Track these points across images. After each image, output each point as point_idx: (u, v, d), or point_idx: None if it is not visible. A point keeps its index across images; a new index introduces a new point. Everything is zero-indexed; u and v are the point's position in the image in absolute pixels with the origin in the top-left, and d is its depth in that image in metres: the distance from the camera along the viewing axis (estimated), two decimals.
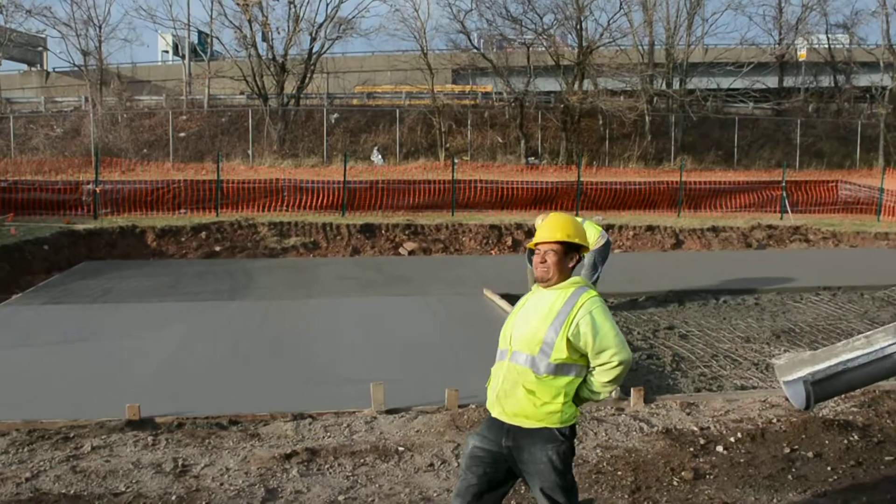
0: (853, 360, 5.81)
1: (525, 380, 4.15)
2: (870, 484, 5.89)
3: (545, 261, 4.26)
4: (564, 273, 4.28)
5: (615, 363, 4.06)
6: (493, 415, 4.28)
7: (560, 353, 4.08)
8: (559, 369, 4.11)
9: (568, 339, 4.07)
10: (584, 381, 4.18)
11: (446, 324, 11.22)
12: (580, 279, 4.31)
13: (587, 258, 12.32)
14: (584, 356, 4.12)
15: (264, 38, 40.15)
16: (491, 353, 9.81)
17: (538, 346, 4.13)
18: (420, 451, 6.37)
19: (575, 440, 4.30)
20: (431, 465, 6.15)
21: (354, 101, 46.03)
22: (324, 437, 6.68)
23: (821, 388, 5.87)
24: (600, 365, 4.10)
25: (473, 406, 7.17)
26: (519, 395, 4.15)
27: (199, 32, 49.05)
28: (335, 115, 42.56)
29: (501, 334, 4.42)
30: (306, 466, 6.09)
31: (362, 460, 6.21)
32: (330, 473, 6.00)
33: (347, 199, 22.20)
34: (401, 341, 10.18)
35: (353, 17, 42.71)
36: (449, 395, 7.29)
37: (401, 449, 6.40)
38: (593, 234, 12.32)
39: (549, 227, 4.31)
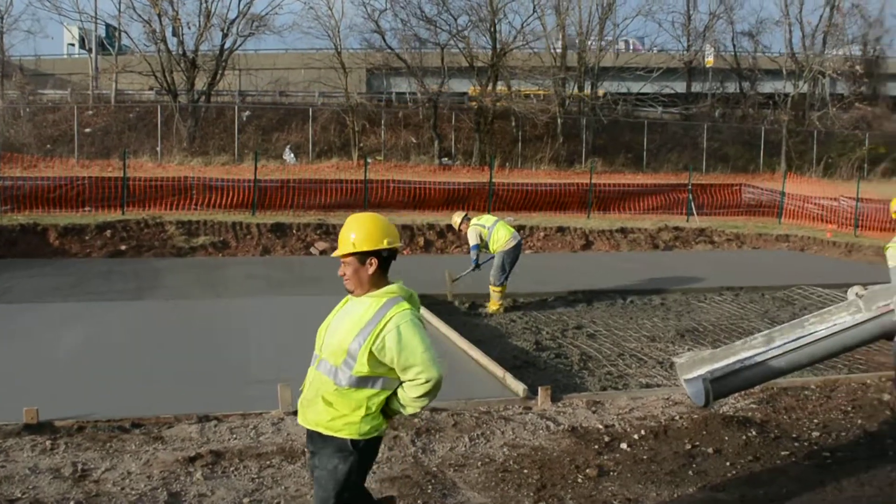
0: (751, 359, 5.99)
1: (326, 390, 4.06)
2: (766, 478, 6.07)
3: (344, 273, 4.14)
4: (367, 282, 4.09)
5: (422, 380, 3.92)
6: (298, 421, 4.25)
7: (362, 366, 3.96)
8: (361, 382, 4.00)
9: (371, 353, 3.94)
10: (395, 393, 4.06)
11: None
12: (396, 289, 4.09)
13: (496, 258, 12.44)
14: (393, 369, 3.99)
15: (174, 33, 39.33)
16: None
17: (342, 356, 4.02)
18: None
19: (373, 456, 4.22)
20: None
21: (266, 99, 45.49)
22: (229, 439, 6.57)
23: (720, 385, 6.05)
24: (409, 381, 3.96)
25: None
26: (318, 405, 4.07)
27: (107, 25, 47.67)
28: (247, 113, 41.96)
29: (317, 335, 4.33)
30: (211, 469, 5.99)
31: (268, 462, 6.13)
32: (235, 476, 5.91)
33: (258, 197, 21.91)
34: (311, 342, 10.02)
35: (266, 14, 42.23)
36: None
37: (307, 450, 6.34)
38: (504, 235, 12.45)
39: (339, 239, 4.17)
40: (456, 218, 13.27)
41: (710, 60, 52.44)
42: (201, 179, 22.14)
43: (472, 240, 12.71)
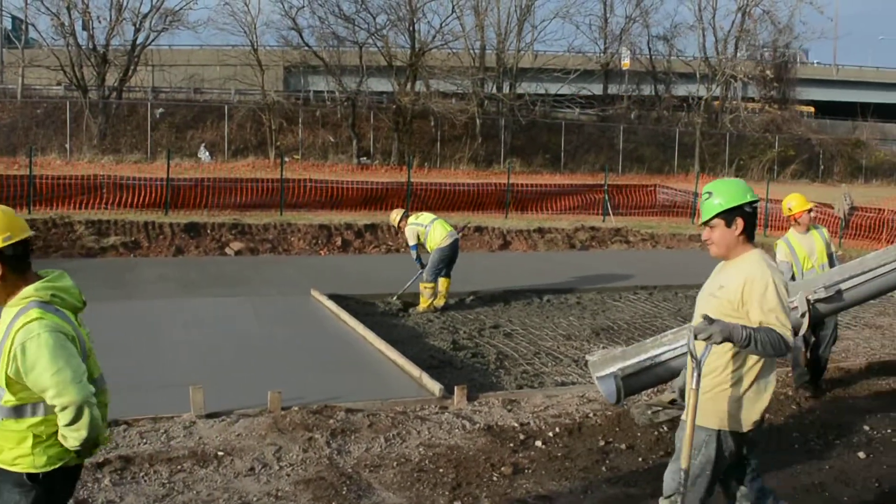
0: (661, 356, 6.09)
1: None
2: None
3: None
4: (8, 286, 3.41)
5: (60, 406, 3.27)
6: None
7: (10, 394, 3.34)
8: (17, 412, 3.37)
9: (9, 377, 3.31)
10: None
11: (272, 325, 11.02)
12: (31, 291, 3.38)
13: (432, 256, 12.45)
14: None
15: (84, 27, 38.35)
16: (318, 354, 9.69)
17: None
18: (240, 455, 6.21)
19: (67, 488, 3.66)
20: (252, 469, 6.01)
21: (181, 96, 44.66)
22: (139, 444, 6.41)
23: (631, 382, 6.13)
24: (53, 406, 3.31)
25: (297, 408, 7.06)
26: None
27: (13, 18, 46.25)
28: (160, 110, 41.10)
29: None
30: (119, 475, 5.82)
31: (179, 466, 6.00)
32: (145, 481, 5.76)
33: (171, 197, 21.47)
34: (224, 343, 9.93)
35: (181, 9, 41.44)
36: (272, 397, 7.14)
37: (220, 454, 6.23)
38: (441, 234, 12.52)
39: None
40: (395, 216, 13.22)
41: (626, 63, 53.35)
42: (112, 178, 21.60)
43: (411, 240, 12.71)
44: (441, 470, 6.06)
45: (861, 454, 6.71)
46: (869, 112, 62.06)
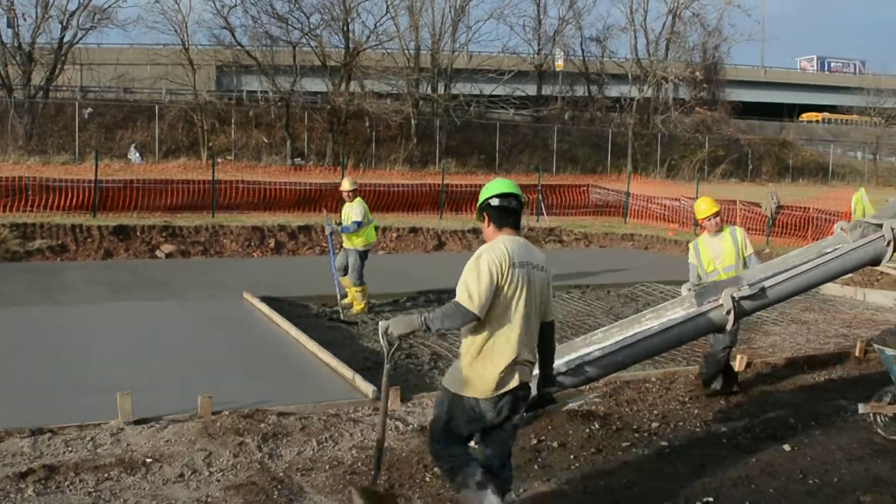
0: (590, 354, 6.16)
1: None
2: (609, 469, 6.25)
3: None
4: None
5: None
6: None
7: None
8: None
9: None
10: None
11: (203, 329, 10.87)
12: None
13: (359, 257, 12.38)
14: None
15: (9, 24, 37.36)
16: (250, 357, 9.59)
17: None
18: (169, 462, 6.11)
19: None
20: (181, 475, 5.91)
21: (110, 95, 43.81)
22: (64, 453, 6.26)
23: (561, 380, 6.17)
24: None
25: (227, 413, 6.97)
26: None
27: None
28: (88, 110, 40.24)
29: None
30: (44, 485, 5.68)
31: (106, 474, 5.87)
32: (70, 490, 5.62)
33: (100, 199, 21.05)
34: (154, 348, 9.76)
35: (109, 7, 40.55)
36: (202, 402, 7.04)
37: (148, 460, 6.12)
38: (373, 235, 12.59)
39: None
40: (350, 184, 12.65)
41: (559, 64, 53.89)
42: (38, 179, 21.09)
43: (360, 216, 12.33)
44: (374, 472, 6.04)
45: (786, 447, 6.87)
46: (795, 113, 63.69)
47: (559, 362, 6.22)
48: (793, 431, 7.30)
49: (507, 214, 4.80)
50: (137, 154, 37.71)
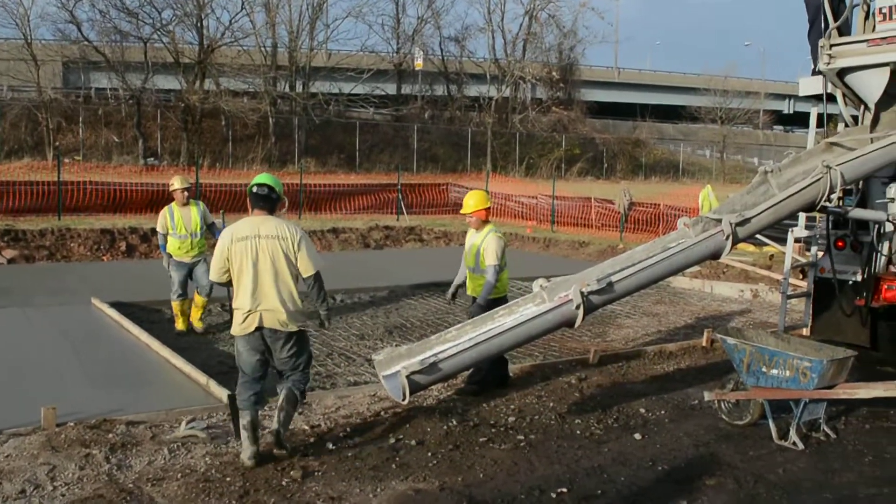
0: (444, 352, 6.20)
1: None
2: (466, 465, 6.30)
3: None
4: None
5: None
6: None
7: None
8: None
9: None
10: None
11: (48, 337, 10.36)
12: None
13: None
14: None
15: None
16: (98, 365, 9.21)
17: None
18: (10, 478, 5.80)
19: None
20: (23, 491, 5.62)
21: None
22: None
23: (417, 379, 6.20)
24: None
25: (73, 424, 6.67)
26: None
27: None
28: None
29: None
30: None
31: None
32: None
33: None
34: None
35: None
36: (45, 413, 6.71)
37: None
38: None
39: None
40: (184, 183, 11.23)
41: (419, 63, 54.23)
42: None
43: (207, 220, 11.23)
44: (228, 478, 5.90)
45: (637, 436, 7.11)
46: (647, 112, 66.12)
47: (414, 360, 6.24)
48: (643, 421, 7.56)
49: (256, 199, 6.33)
50: None
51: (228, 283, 6.33)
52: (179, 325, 11.12)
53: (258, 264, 6.16)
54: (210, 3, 41.78)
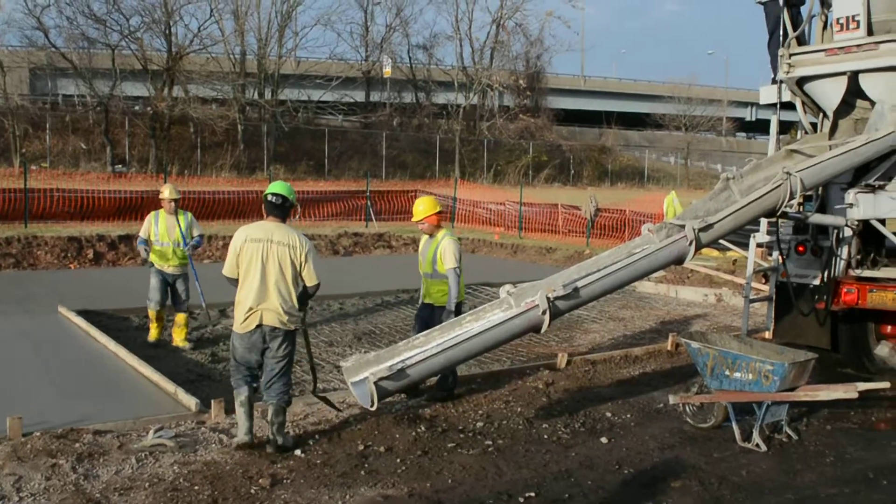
0: (412, 358, 6.25)
1: None
2: (434, 470, 6.35)
3: None
4: None
5: None
6: None
7: None
8: None
9: None
10: None
11: (13, 346, 10.28)
12: None
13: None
14: None
15: None
16: (65, 374, 9.17)
17: None
18: None
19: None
20: None
21: None
22: None
23: (385, 385, 6.24)
24: None
25: (39, 433, 6.63)
26: None
27: None
28: None
29: None
30: None
31: None
32: None
33: None
34: None
35: None
36: (11, 423, 6.68)
37: None
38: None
39: None
40: (173, 193, 11.02)
41: (387, 71, 54.31)
42: None
43: (201, 228, 11.26)
44: (196, 487, 5.91)
45: (604, 440, 7.20)
46: (613, 120, 66.61)
47: (382, 367, 6.28)
48: (610, 425, 7.66)
49: (270, 207, 6.91)
50: None
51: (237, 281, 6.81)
52: (153, 333, 10.75)
53: (267, 266, 6.66)
54: (178, 11, 41.70)
